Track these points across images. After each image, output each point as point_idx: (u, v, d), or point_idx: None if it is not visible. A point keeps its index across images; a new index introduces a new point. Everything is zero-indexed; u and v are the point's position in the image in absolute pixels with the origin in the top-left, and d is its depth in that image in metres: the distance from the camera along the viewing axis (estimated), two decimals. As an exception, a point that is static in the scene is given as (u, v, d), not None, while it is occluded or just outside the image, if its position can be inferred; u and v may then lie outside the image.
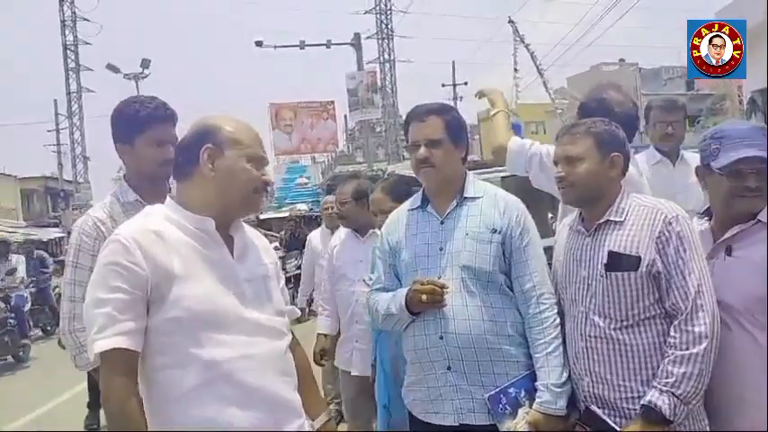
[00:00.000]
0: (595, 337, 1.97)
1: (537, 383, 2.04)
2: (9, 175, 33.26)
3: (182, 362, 1.51)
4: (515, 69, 21.08)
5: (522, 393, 2.05)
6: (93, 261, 1.82)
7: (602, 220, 2.01)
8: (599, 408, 1.97)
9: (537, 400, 2.03)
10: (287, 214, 17.11)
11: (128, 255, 1.49)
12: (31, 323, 10.58)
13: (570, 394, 2.04)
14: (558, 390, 2.02)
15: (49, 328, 11.27)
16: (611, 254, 1.96)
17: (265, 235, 3.83)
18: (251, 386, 1.54)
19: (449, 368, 2.07)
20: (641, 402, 1.86)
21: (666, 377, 1.84)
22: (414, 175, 2.62)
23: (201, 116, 1.73)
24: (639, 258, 1.91)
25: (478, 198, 2.17)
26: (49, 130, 30.86)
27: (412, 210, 2.27)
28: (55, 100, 29.98)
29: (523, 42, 19.90)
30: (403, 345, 2.22)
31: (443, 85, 33.61)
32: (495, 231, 2.10)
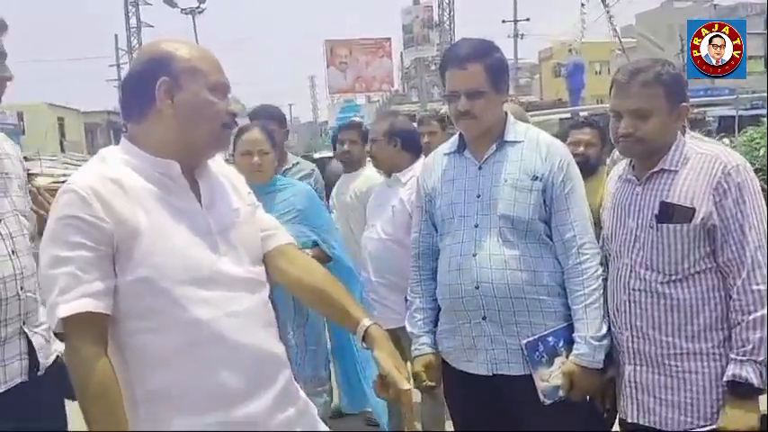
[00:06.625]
0: (640, 290, 1.88)
1: (574, 335, 1.98)
2: (73, 109, 34.41)
3: (161, 325, 1.35)
4: (582, 4, 20.12)
5: (561, 343, 1.99)
6: None
7: (656, 169, 1.87)
8: (639, 364, 1.90)
9: (574, 351, 1.97)
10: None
11: (86, 207, 1.31)
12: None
13: (609, 349, 1.97)
14: (597, 343, 1.95)
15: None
16: (663, 204, 1.84)
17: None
18: (240, 344, 1.41)
19: (484, 318, 2.01)
20: (724, 380, 1.77)
21: (743, 345, 1.74)
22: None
23: (150, 42, 1.53)
24: (694, 210, 1.79)
25: (519, 142, 2.05)
26: (110, 65, 31.61)
27: (448, 154, 2.16)
28: (116, 35, 30.56)
29: (591, -26, 18.89)
30: (437, 292, 2.16)
31: (504, 22, 32.45)
32: (535, 178, 1.99)
